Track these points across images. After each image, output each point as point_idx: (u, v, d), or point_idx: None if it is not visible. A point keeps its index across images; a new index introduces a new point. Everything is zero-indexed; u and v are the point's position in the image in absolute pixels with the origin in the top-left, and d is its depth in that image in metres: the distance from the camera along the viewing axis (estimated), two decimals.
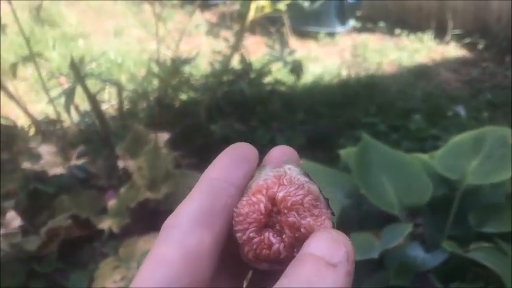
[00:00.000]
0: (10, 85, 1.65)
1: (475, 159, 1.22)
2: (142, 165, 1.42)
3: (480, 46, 3.14)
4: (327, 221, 0.27)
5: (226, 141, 1.87)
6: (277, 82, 2.23)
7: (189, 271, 0.24)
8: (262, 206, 0.27)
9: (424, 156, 1.35)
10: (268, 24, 2.67)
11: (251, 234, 0.26)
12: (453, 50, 3.16)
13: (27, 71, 2.47)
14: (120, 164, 1.41)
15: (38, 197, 1.38)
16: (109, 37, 3.23)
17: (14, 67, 1.62)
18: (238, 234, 0.26)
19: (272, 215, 0.27)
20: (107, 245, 1.28)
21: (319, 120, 2.23)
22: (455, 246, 1.06)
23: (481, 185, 1.19)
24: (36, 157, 1.38)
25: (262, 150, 0.30)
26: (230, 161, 0.28)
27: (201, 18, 3.46)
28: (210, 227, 0.26)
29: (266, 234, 0.26)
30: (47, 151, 1.40)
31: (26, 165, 1.37)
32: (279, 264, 0.26)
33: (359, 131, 2.01)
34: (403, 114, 2.28)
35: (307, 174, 0.28)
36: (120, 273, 1.15)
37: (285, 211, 0.27)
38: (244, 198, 0.27)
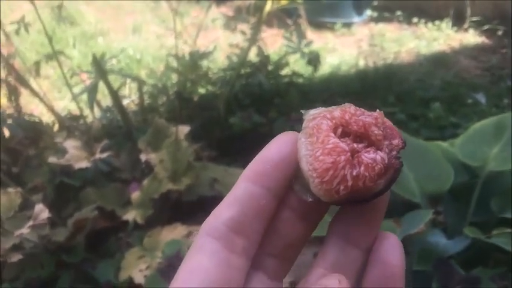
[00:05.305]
0: (33, 83, 1.69)
1: (496, 146, 1.22)
2: (164, 158, 1.44)
3: (499, 32, 3.09)
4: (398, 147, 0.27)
5: (245, 134, 1.89)
6: (295, 74, 2.23)
7: (222, 278, 0.26)
8: (342, 144, 0.26)
9: (444, 144, 1.35)
10: (285, 16, 2.67)
11: (354, 173, 0.26)
12: (472, 37, 3.12)
13: (49, 69, 2.52)
14: (143, 157, 1.44)
15: (64, 190, 1.42)
16: (127, 34, 3.27)
17: (37, 65, 1.66)
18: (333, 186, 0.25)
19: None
20: (132, 235, 1.31)
21: None
22: (478, 232, 1.06)
23: (503, 171, 1.19)
24: (62, 152, 1.42)
25: None
26: (268, 164, 0.27)
27: (218, 12, 3.47)
28: (244, 235, 0.27)
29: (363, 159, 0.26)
30: (71, 146, 1.44)
31: (52, 159, 1.40)
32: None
33: None
34: (422, 103, 2.26)
35: None
36: (146, 262, 1.18)
37: (359, 128, 0.27)
38: (318, 154, 0.26)
